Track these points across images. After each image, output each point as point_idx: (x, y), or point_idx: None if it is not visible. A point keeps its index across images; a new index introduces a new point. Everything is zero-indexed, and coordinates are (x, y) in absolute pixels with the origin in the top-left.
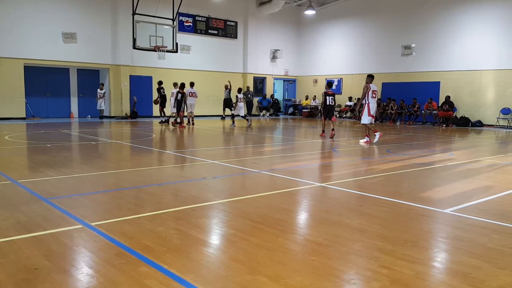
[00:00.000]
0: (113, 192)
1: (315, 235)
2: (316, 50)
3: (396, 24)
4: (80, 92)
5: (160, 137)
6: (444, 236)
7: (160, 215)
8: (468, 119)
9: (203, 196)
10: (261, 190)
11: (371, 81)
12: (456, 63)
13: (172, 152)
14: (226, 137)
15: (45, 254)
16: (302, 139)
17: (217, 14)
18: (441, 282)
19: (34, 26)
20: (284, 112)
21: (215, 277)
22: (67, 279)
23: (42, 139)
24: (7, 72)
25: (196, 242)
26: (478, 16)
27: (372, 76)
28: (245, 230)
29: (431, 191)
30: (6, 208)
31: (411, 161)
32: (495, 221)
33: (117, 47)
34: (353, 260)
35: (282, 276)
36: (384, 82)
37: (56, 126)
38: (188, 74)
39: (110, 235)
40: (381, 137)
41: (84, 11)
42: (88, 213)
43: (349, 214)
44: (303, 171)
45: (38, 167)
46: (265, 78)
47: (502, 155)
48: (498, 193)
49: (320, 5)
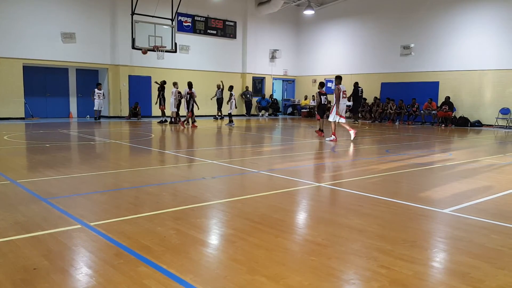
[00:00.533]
0: (112, 192)
1: (314, 235)
2: (315, 50)
3: (395, 24)
4: (79, 92)
5: (159, 137)
6: (443, 236)
7: (159, 215)
8: (467, 119)
9: (202, 196)
10: (260, 190)
11: (340, 82)
12: (455, 63)
13: (171, 152)
14: (225, 137)
15: (44, 254)
16: (301, 139)
17: (216, 14)
18: (440, 282)
19: (33, 26)
20: (283, 112)
21: (214, 277)
22: (66, 279)
23: (41, 139)
24: (6, 72)
25: (195, 242)
26: (477, 16)
27: (340, 78)
28: (244, 230)
29: (430, 191)
30: (5, 208)
31: (410, 161)
32: (494, 221)
33: (116, 47)
34: (352, 260)
35: (281, 276)
36: (383, 82)
37: (55, 126)
38: (187, 74)
39: (109, 235)
40: (356, 135)
41: (83, 11)
42: (87, 213)
43: (348, 214)
44: (302, 171)
45: (37, 167)
46: (264, 78)
47: (501, 155)
48: (497, 193)
49: (319, 5)
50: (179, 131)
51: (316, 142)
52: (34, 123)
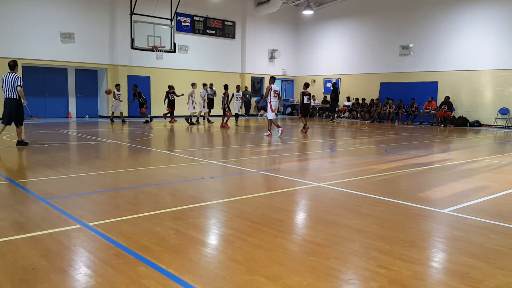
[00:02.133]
0: (111, 192)
1: (313, 235)
2: (314, 50)
3: (394, 24)
4: (78, 92)
5: (158, 137)
6: (442, 236)
7: (158, 215)
8: (466, 119)
9: (201, 196)
10: (259, 190)
11: (273, 82)
12: (454, 63)
13: (170, 152)
14: (225, 137)
15: (43, 254)
16: (300, 139)
17: (215, 14)
18: (439, 282)
19: (32, 26)
20: (282, 112)
21: (213, 277)
22: (65, 279)
23: (40, 139)
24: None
25: (194, 242)
26: (476, 16)
27: (274, 78)
28: (243, 230)
29: (429, 191)
30: (4, 208)
31: (409, 161)
32: (493, 221)
33: (115, 47)
34: (351, 260)
35: (280, 276)
36: (382, 82)
37: (54, 126)
38: (186, 74)
39: (108, 235)
40: (282, 133)
41: (82, 11)
42: (86, 213)
43: (347, 214)
44: (301, 171)
45: (36, 167)
46: (263, 78)
47: (500, 155)
48: (496, 193)
49: (318, 5)
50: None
51: (315, 142)
52: (33, 123)
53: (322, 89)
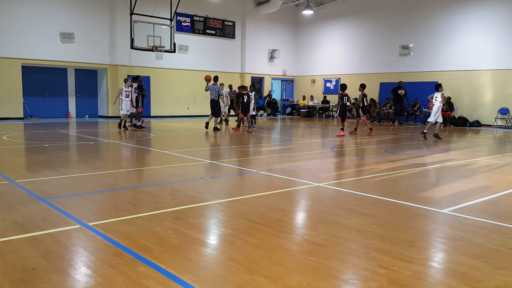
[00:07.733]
0: (111, 192)
1: (313, 235)
2: (314, 50)
3: (394, 24)
4: (78, 92)
5: (157, 137)
6: (442, 236)
7: (158, 215)
8: (466, 119)
9: (201, 196)
10: (259, 190)
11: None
12: (454, 63)
13: (169, 152)
14: (224, 137)
15: (42, 254)
16: (299, 139)
17: (215, 14)
18: (439, 282)
19: (32, 26)
20: (282, 112)
21: (213, 277)
22: (65, 279)
23: (40, 139)
24: (4, 72)
25: (194, 242)
26: (476, 16)
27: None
28: (243, 230)
29: (429, 191)
30: (3, 208)
31: (409, 161)
32: (493, 221)
33: (115, 47)
34: (351, 260)
35: (280, 276)
36: (382, 82)
37: (54, 126)
38: (186, 74)
39: (108, 235)
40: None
41: (82, 11)
42: (85, 213)
43: (347, 214)
44: (300, 171)
45: (36, 167)
46: (263, 78)
47: (500, 155)
48: (496, 193)
49: (318, 5)
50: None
51: (314, 142)
52: (33, 123)
53: (322, 89)
